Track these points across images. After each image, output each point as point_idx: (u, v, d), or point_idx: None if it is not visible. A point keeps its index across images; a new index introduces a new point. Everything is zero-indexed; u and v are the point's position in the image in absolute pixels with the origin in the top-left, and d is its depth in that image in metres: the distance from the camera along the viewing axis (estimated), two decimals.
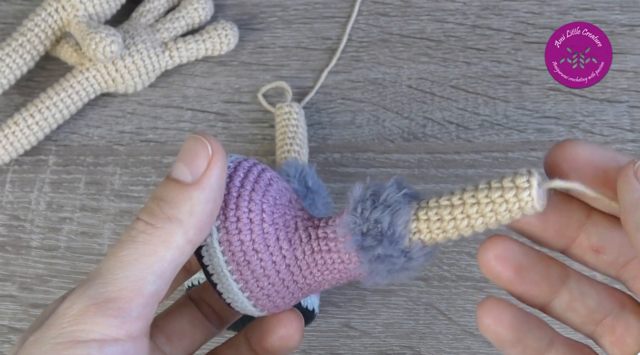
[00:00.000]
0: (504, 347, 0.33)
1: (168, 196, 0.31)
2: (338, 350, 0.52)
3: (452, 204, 0.32)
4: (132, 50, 0.58)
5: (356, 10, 0.62)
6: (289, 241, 0.34)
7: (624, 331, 0.33)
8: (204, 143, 0.32)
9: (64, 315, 0.30)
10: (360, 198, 0.33)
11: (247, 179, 0.34)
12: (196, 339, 0.37)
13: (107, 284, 0.30)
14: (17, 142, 0.56)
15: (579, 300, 0.34)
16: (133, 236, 0.31)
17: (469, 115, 0.58)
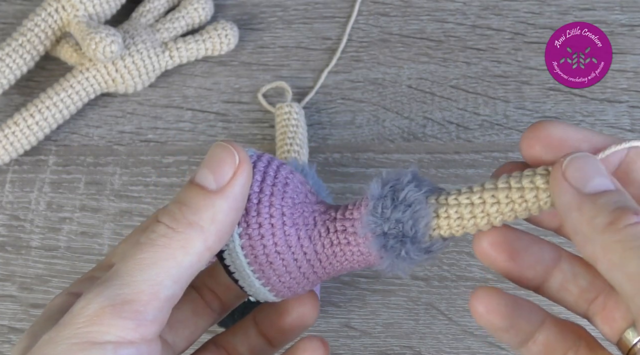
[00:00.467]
0: (497, 333, 0.33)
1: (191, 201, 0.31)
2: (338, 350, 0.52)
3: (472, 202, 0.32)
4: (132, 50, 0.58)
5: (356, 10, 0.62)
6: (309, 238, 0.34)
7: (613, 308, 0.33)
8: (231, 151, 0.32)
9: (79, 315, 0.29)
10: (379, 195, 0.33)
11: (265, 183, 0.34)
12: (199, 326, 0.37)
13: (124, 286, 0.30)
14: (17, 142, 0.56)
15: (571, 281, 0.34)
16: (153, 239, 0.31)
17: (469, 115, 0.58)
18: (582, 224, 0.29)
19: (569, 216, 0.30)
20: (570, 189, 0.30)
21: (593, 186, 0.30)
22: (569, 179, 0.30)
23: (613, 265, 0.28)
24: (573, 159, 0.30)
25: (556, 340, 0.33)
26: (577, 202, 0.29)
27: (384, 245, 0.33)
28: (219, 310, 0.38)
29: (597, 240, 0.28)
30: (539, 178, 0.31)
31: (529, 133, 0.32)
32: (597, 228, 0.29)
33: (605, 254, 0.28)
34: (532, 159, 0.32)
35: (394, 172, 0.33)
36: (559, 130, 0.32)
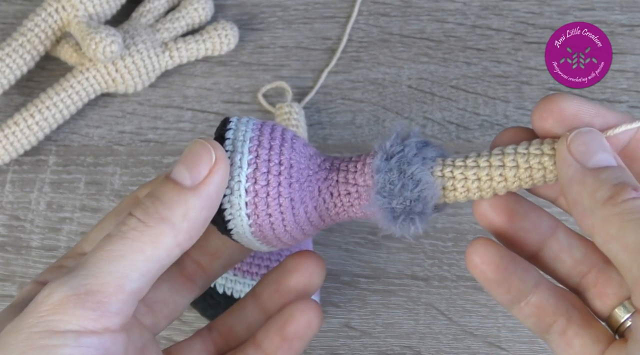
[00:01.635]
0: (490, 285, 0.34)
1: (165, 196, 0.31)
2: (338, 350, 0.52)
3: (479, 177, 0.32)
4: (132, 50, 0.58)
5: (356, 10, 0.62)
6: (314, 208, 0.34)
7: (606, 284, 0.34)
8: (208, 149, 0.32)
9: (42, 303, 0.29)
10: (385, 169, 0.33)
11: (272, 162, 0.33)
12: (178, 304, 0.37)
13: (89, 276, 0.30)
14: (17, 142, 0.56)
15: (566, 251, 0.34)
16: (123, 232, 0.31)
17: (469, 115, 0.58)
18: (583, 196, 0.30)
19: (570, 188, 0.30)
20: (574, 163, 0.30)
21: (596, 161, 0.30)
22: (574, 152, 0.31)
23: (611, 236, 0.29)
24: (578, 134, 0.31)
25: (549, 305, 0.34)
26: (580, 176, 0.30)
27: (392, 217, 0.33)
28: (202, 283, 0.37)
29: (597, 213, 0.29)
30: (546, 154, 0.32)
31: (542, 105, 0.32)
32: (597, 201, 0.29)
33: (603, 226, 0.29)
34: (543, 131, 0.32)
35: (396, 140, 0.33)
36: (573, 104, 0.32)
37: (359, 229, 0.54)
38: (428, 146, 0.33)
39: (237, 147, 0.33)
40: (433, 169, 0.33)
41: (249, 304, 0.38)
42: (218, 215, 0.33)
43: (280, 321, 0.36)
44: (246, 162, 0.33)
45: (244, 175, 0.33)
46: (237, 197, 0.33)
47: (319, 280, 0.37)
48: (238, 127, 0.34)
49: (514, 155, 0.32)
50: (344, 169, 0.34)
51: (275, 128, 0.34)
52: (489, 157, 0.32)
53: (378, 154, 0.33)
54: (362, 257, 0.54)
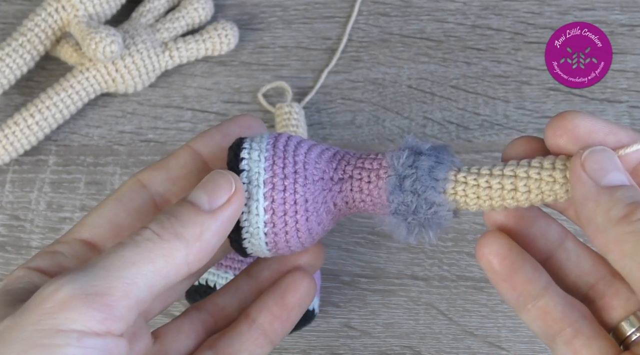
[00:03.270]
0: (496, 279, 0.34)
1: (181, 215, 0.32)
2: (338, 350, 0.52)
3: (491, 197, 0.33)
4: (132, 50, 0.58)
5: (356, 10, 0.62)
6: (330, 219, 0.35)
7: (613, 296, 0.34)
8: (229, 179, 0.32)
9: (47, 299, 0.29)
10: (398, 191, 0.33)
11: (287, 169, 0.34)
12: (175, 289, 0.37)
13: (99, 278, 0.29)
14: (17, 142, 0.56)
15: (574, 261, 0.35)
16: (137, 241, 0.31)
17: (469, 115, 0.58)
18: (598, 214, 0.30)
19: (584, 206, 0.31)
20: (588, 181, 0.31)
21: (609, 179, 0.31)
22: (588, 171, 0.31)
23: (625, 254, 0.29)
24: (592, 152, 0.31)
25: (556, 311, 0.34)
26: (594, 194, 0.30)
27: (407, 230, 0.34)
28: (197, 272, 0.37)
29: (611, 231, 0.30)
30: (558, 172, 0.32)
31: (556, 122, 0.32)
32: (612, 219, 0.30)
33: (618, 244, 0.29)
34: (556, 148, 0.33)
35: (408, 160, 0.33)
36: (587, 122, 0.32)
37: (359, 229, 0.54)
38: (440, 164, 0.34)
39: (253, 194, 0.34)
40: (446, 187, 0.33)
41: (243, 283, 0.38)
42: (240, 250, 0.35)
43: (280, 291, 0.37)
44: (262, 210, 0.34)
45: (262, 222, 0.34)
46: (258, 240, 0.34)
47: (319, 261, 0.38)
48: (251, 168, 0.34)
49: (526, 181, 0.32)
50: (358, 177, 0.34)
51: (287, 158, 0.34)
52: (501, 179, 0.33)
53: (391, 177, 0.33)
54: (362, 257, 0.54)
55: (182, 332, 0.37)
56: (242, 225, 0.34)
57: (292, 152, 0.34)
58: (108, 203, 0.36)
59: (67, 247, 0.35)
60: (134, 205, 0.36)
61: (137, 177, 0.37)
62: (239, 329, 0.37)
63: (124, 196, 0.36)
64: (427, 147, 0.34)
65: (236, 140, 0.35)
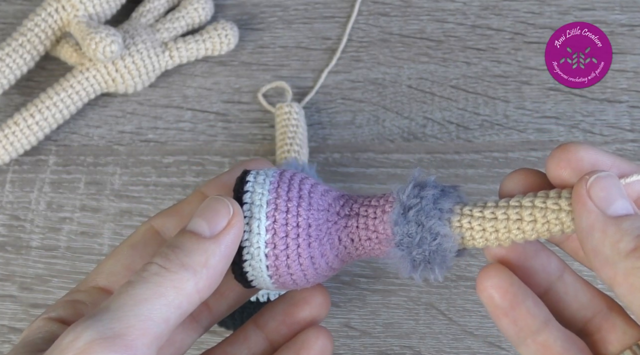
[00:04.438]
0: (497, 313, 0.33)
1: (184, 245, 0.32)
2: (338, 350, 0.52)
3: (497, 229, 0.32)
4: (132, 50, 0.58)
5: (356, 10, 0.62)
6: (335, 256, 0.35)
7: (610, 330, 0.34)
8: (226, 203, 0.33)
9: (67, 348, 0.29)
10: (402, 222, 0.33)
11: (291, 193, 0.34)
12: (184, 343, 0.37)
13: (115, 320, 0.29)
14: (17, 142, 0.56)
15: (572, 295, 0.34)
16: (145, 277, 0.31)
17: (469, 115, 0.58)
18: (605, 246, 0.29)
19: (591, 236, 0.30)
20: (594, 209, 0.30)
21: (616, 209, 0.30)
22: (594, 198, 0.30)
23: (635, 289, 0.28)
24: (598, 179, 0.30)
25: (556, 346, 0.33)
26: (601, 224, 0.30)
27: (412, 266, 0.33)
28: (206, 323, 0.38)
29: (620, 265, 0.29)
30: (564, 200, 0.31)
31: (559, 154, 0.32)
32: (620, 252, 0.29)
33: (627, 278, 0.29)
34: (559, 180, 0.32)
35: (413, 191, 0.33)
36: (591, 154, 0.32)
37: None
38: (445, 196, 0.33)
39: (255, 213, 0.34)
40: (451, 219, 0.33)
41: (252, 333, 0.38)
42: (241, 277, 0.34)
43: (294, 348, 0.37)
44: (264, 228, 0.34)
45: (263, 242, 0.34)
46: (258, 262, 0.34)
47: (325, 312, 0.38)
48: (255, 189, 0.34)
49: (531, 210, 0.32)
50: (364, 214, 0.34)
51: (292, 184, 0.34)
52: (506, 209, 0.32)
53: (396, 206, 0.33)
54: None
55: None
56: (243, 245, 0.34)
57: (298, 182, 0.35)
58: (123, 249, 0.36)
59: (86, 295, 0.35)
60: (149, 251, 0.36)
61: (150, 223, 0.37)
62: None
63: (138, 242, 0.36)
64: (432, 179, 0.34)
65: (240, 175, 0.35)
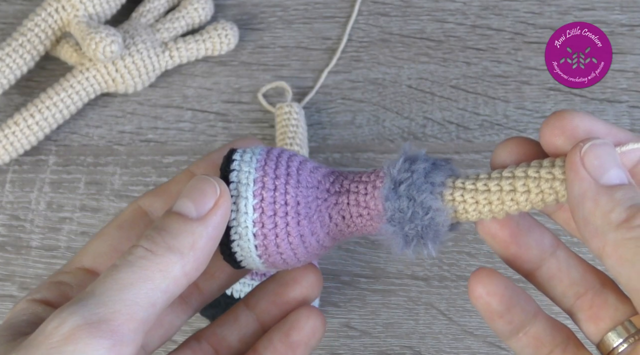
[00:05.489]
0: (492, 317, 0.33)
1: (171, 227, 0.31)
2: (338, 350, 0.52)
3: (491, 202, 0.32)
4: (132, 50, 0.58)
5: (356, 10, 0.62)
6: (326, 233, 0.34)
7: (602, 306, 0.33)
8: (212, 183, 0.32)
9: (52, 334, 0.28)
10: (393, 197, 0.32)
11: (279, 170, 0.34)
12: (173, 324, 0.36)
13: (100, 305, 0.29)
14: (17, 142, 0.56)
15: (564, 271, 0.34)
16: (130, 261, 0.30)
17: (469, 115, 0.58)
18: (596, 216, 0.29)
19: (582, 205, 0.29)
20: (586, 177, 0.29)
21: (609, 177, 0.29)
22: (587, 166, 0.29)
23: (625, 261, 0.28)
24: (592, 146, 0.30)
25: (546, 335, 0.33)
26: (593, 193, 0.29)
27: (404, 242, 0.33)
28: (197, 305, 0.37)
29: (610, 235, 0.28)
30: (557, 168, 0.31)
31: (554, 121, 0.31)
32: (611, 223, 0.28)
33: (616, 249, 0.28)
34: (553, 148, 0.31)
35: (404, 165, 0.33)
36: (586, 122, 0.31)
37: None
38: (436, 169, 0.33)
39: (241, 192, 0.33)
40: (443, 193, 0.32)
41: (242, 314, 0.37)
42: (230, 257, 0.34)
43: (284, 329, 0.36)
44: (252, 207, 0.33)
45: (251, 221, 0.33)
46: (246, 242, 0.33)
47: (317, 292, 0.37)
48: (241, 168, 0.33)
49: (524, 180, 0.31)
50: (355, 191, 0.34)
51: (280, 162, 0.34)
52: (499, 181, 0.32)
53: (386, 181, 0.33)
54: (362, 257, 0.54)
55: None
56: (230, 225, 0.33)
57: (285, 159, 0.34)
58: (109, 230, 0.36)
59: (71, 276, 0.34)
60: (136, 232, 0.35)
61: (137, 203, 0.36)
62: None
63: (125, 222, 0.36)
64: (423, 153, 0.33)
65: (227, 153, 0.34)
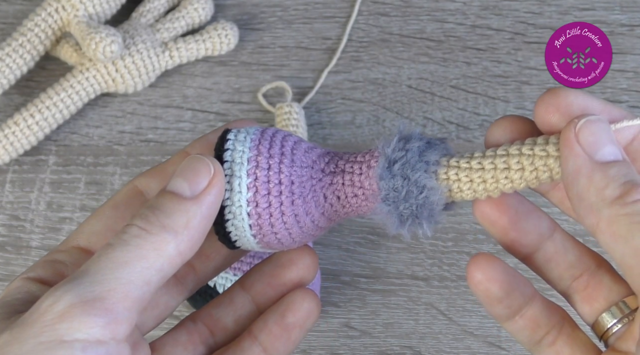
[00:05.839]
0: (492, 303, 0.33)
1: (165, 206, 0.31)
2: (338, 350, 0.52)
3: (485, 180, 0.32)
4: (132, 50, 0.58)
5: (356, 10, 0.62)
6: (321, 214, 0.34)
7: (596, 287, 0.33)
8: (206, 162, 0.32)
9: (46, 312, 0.28)
10: (388, 176, 0.32)
11: (273, 150, 0.33)
12: (168, 305, 0.36)
13: (95, 283, 0.29)
14: (17, 142, 0.56)
15: (561, 253, 0.34)
16: (125, 240, 0.30)
17: (469, 115, 0.58)
18: (590, 192, 0.29)
19: (576, 181, 0.29)
20: (581, 153, 0.29)
21: (604, 154, 0.29)
22: (582, 143, 0.29)
23: (618, 237, 0.28)
24: (587, 122, 0.30)
25: (542, 317, 0.33)
26: (588, 169, 0.29)
27: (399, 221, 0.33)
28: (192, 285, 0.37)
29: (604, 211, 0.28)
30: (552, 145, 0.31)
31: (548, 98, 0.31)
32: (605, 199, 0.28)
33: (610, 226, 0.28)
34: (547, 125, 0.31)
35: (398, 144, 0.32)
36: (580, 99, 0.31)
37: (359, 229, 0.54)
38: (431, 148, 0.33)
39: (235, 171, 0.33)
40: (437, 172, 0.32)
41: (238, 295, 0.37)
42: (225, 237, 0.34)
43: (279, 310, 0.36)
44: (245, 186, 0.33)
45: (245, 200, 0.33)
46: (241, 221, 0.33)
47: (313, 274, 0.37)
48: (235, 147, 0.33)
49: (519, 158, 0.31)
50: (349, 171, 0.33)
51: (274, 142, 0.34)
52: (494, 159, 0.32)
53: (380, 160, 0.32)
54: (362, 257, 0.54)
55: (179, 345, 0.36)
56: (224, 204, 0.33)
57: (280, 139, 0.34)
58: (105, 209, 0.36)
59: (66, 255, 0.34)
60: (131, 211, 0.35)
61: (133, 183, 0.36)
62: (241, 346, 0.36)
63: (120, 202, 0.36)
64: (418, 131, 0.33)
65: (222, 133, 0.34)
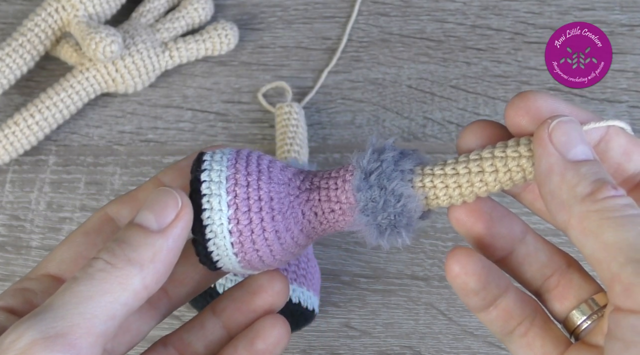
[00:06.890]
0: (468, 295, 0.33)
1: (131, 239, 0.31)
2: (338, 350, 0.52)
3: (460, 185, 0.32)
4: (132, 50, 0.58)
5: (356, 10, 0.62)
6: (300, 231, 0.34)
7: (567, 285, 0.34)
8: (174, 195, 0.32)
9: (8, 349, 0.28)
10: (364, 187, 0.33)
11: (250, 168, 0.34)
12: (140, 330, 0.36)
13: (58, 319, 0.29)
14: (17, 142, 0.56)
15: (533, 255, 0.35)
16: (90, 273, 0.30)
17: (469, 115, 0.58)
18: (562, 190, 0.30)
19: (549, 179, 0.30)
20: (554, 152, 0.30)
21: (576, 153, 0.30)
22: (555, 142, 0.30)
23: (588, 232, 0.29)
24: (560, 123, 0.31)
25: (515, 308, 0.34)
26: (560, 167, 0.30)
27: (378, 232, 0.33)
28: (165, 311, 0.37)
29: (575, 208, 0.29)
30: (523, 146, 0.31)
31: (518, 102, 0.32)
32: (577, 196, 0.29)
33: (581, 222, 0.29)
34: (518, 128, 0.32)
35: (373, 156, 0.33)
36: (549, 103, 0.32)
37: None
38: (405, 157, 0.33)
39: (214, 190, 0.33)
40: (413, 180, 0.33)
41: (209, 320, 0.37)
42: (206, 258, 0.34)
43: (249, 337, 0.36)
44: (226, 204, 0.33)
45: (226, 218, 0.33)
46: (222, 239, 0.33)
47: (284, 299, 0.37)
48: (212, 167, 0.34)
49: (492, 160, 0.32)
50: (325, 187, 0.34)
51: (250, 160, 0.34)
52: (467, 163, 0.32)
53: (357, 173, 0.33)
54: (362, 257, 0.54)
55: None
56: (205, 223, 0.33)
57: (255, 158, 0.34)
58: (76, 237, 0.36)
59: (36, 283, 0.34)
60: (102, 239, 0.35)
61: (104, 210, 0.36)
62: None
63: (91, 229, 0.36)
64: (391, 142, 0.33)
65: (197, 156, 0.34)
